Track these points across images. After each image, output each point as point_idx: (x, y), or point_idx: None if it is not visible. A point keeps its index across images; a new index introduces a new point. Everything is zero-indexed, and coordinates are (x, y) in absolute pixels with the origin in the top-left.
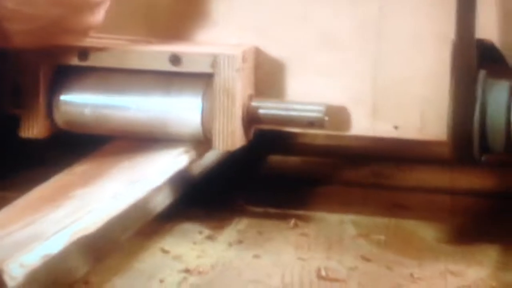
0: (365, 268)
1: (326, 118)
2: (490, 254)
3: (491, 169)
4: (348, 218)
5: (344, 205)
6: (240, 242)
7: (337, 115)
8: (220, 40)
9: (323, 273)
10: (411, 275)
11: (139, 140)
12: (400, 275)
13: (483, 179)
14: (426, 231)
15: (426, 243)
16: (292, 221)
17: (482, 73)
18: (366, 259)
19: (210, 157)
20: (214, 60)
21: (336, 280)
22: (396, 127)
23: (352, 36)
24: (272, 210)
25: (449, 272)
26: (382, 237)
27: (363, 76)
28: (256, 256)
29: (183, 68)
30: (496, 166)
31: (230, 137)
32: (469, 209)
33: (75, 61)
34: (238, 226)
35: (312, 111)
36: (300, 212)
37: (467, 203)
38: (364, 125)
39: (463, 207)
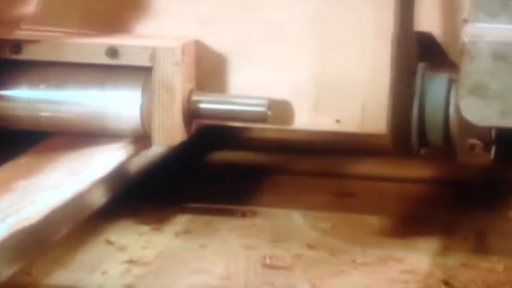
0: (309, 255)
1: (269, 112)
2: (431, 240)
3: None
4: (296, 207)
5: (292, 195)
6: (186, 232)
7: (280, 109)
8: (160, 32)
9: (267, 261)
10: (354, 261)
11: (79, 136)
12: (343, 261)
13: (428, 168)
14: (371, 219)
15: (371, 230)
16: (240, 212)
17: (421, 66)
18: (311, 246)
19: (157, 151)
20: (153, 53)
21: (280, 267)
22: (338, 121)
23: (295, 29)
24: (219, 202)
25: (391, 258)
26: (328, 225)
27: (306, 70)
28: (202, 246)
29: (121, 61)
30: (436, 158)
31: (170, 132)
32: (414, 197)
33: (7, 54)
34: (186, 217)
35: (255, 105)
36: (248, 203)
37: (412, 191)
38: (306, 118)
39: (408, 195)
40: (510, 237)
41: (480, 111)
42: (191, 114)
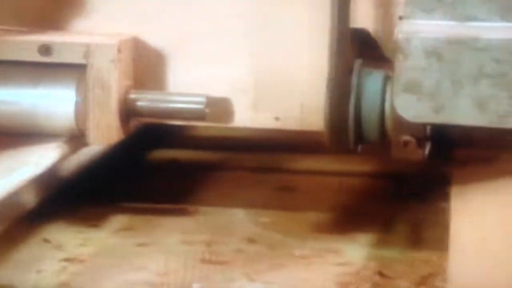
0: (249, 249)
1: (207, 110)
2: (369, 232)
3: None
4: (237, 203)
5: (233, 191)
6: (125, 230)
7: (219, 107)
8: (97, 29)
9: (206, 256)
10: (292, 254)
11: (12, 135)
12: (282, 255)
13: (368, 162)
14: (311, 212)
15: (310, 223)
16: (181, 209)
17: (357, 63)
18: (251, 241)
19: (98, 149)
20: (87, 50)
21: (218, 262)
22: (277, 118)
23: (234, 25)
24: (160, 199)
25: (329, 250)
26: (268, 220)
27: (245, 67)
28: (141, 243)
29: (54, 58)
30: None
31: (106, 131)
32: (354, 190)
33: None
34: (125, 215)
35: (193, 103)
36: (189, 200)
37: (352, 184)
38: (246, 116)
39: (348, 189)
40: (443, 228)
41: (413, 108)
42: (128, 112)
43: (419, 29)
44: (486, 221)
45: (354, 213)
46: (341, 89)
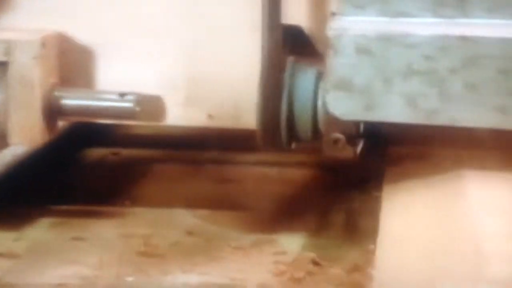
0: (186, 242)
1: (138, 108)
2: (306, 222)
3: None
4: (176, 196)
5: (173, 184)
6: (60, 224)
7: (151, 105)
8: (21, 25)
9: (142, 249)
10: (229, 246)
11: None
12: (219, 247)
13: (307, 153)
14: (252, 202)
15: (249, 215)
16: (119, 203)
17: (290, 60)
18: (189, 233)
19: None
20: (8, 47)
21: (155, 255)
22: (210, 116)
23: (164, 23)
24: (97, 195)
25: (266, 241)
26: (207, 212)
27: (177, 63)
28: (76, 237)
29: None
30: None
31: (29, 131)
32: (293, 181)
33: None
34: (61, 209)
35: (122, 101)
36: (128, 194)
37: (291, 175)
38: (178, 114)
39: (287, 180)
40: (378, 217)
41: (344, 105)
42: (53, 111)
43: (350, 26)
44: (415, 214)
45: (292, 204)
46: (273, 86)
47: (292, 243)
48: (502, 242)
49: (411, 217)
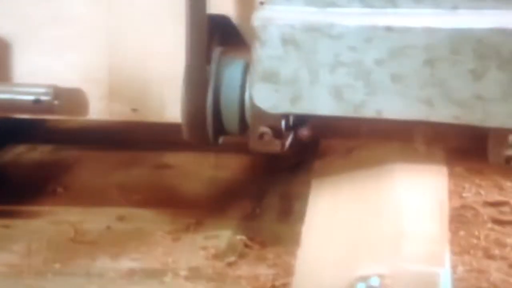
0: (117, 227)
1: (55, 102)
2: (241, 206)
3: None
4: (111, 181)
5: (107, 170)
6: None
7: (70, 98)
8: None
9: (72, 235)
10: (162, 230)
11: None
12: (151, 231)
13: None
14: (186, 187)
15: (183, 198)
16: (51, 189)
17: (217, 51)
18: (120, 218)
19: None
20: None
21: (84, 242)
22: (134, 110)
23: (83, 13)
24: (27, 181)
25: (198, 223)
26: (141, 197)
27: (98, 55)
28: (4, 225)
29: None
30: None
31: None
32: (230, 166)
33: None
34: None
35: (38, 94)
36: (60, 180)
37: (228, 160)
38: (100, 108)
39: (224, 165)
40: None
41: (271, 98)
42: None
43: (277, 16)
44: (337, 206)
45: (228, 188)
46: (199, 79)
47: (225, 227)
48: (422, 223)
49: (336, 203)
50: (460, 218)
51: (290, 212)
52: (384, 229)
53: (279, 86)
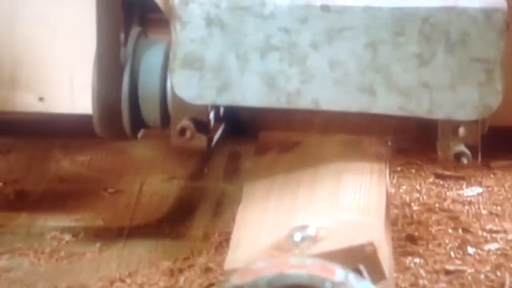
0: (59, 188)
1: None
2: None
3: None
4: (54, 143)
5: (51, 133)
6: None
7: None
8: None
9: (12, 197)
10: (105, 190)
11: None
12: (93, 192)
13: None
14: (130, 148)
15: (126, 158)
16: None
17: (134, 33)
18: (63, 181)
19: None
20: None
21: (25, 202)
22: (41, 99)
23: None
24: None
25: (144, 183)
26: (87, 158)
27: None
28: None
29: None
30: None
31: None
32: None
33: None
34: None
35: None
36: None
37: None
38: (3, 98)
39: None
40: None
41: (194, 87)
42: None
43: None
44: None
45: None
46: (112, 64)
47: (171, 185)
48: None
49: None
50: (403, 174)
51: (237, 171)
52: (323, 188)
53: (203, 73)
